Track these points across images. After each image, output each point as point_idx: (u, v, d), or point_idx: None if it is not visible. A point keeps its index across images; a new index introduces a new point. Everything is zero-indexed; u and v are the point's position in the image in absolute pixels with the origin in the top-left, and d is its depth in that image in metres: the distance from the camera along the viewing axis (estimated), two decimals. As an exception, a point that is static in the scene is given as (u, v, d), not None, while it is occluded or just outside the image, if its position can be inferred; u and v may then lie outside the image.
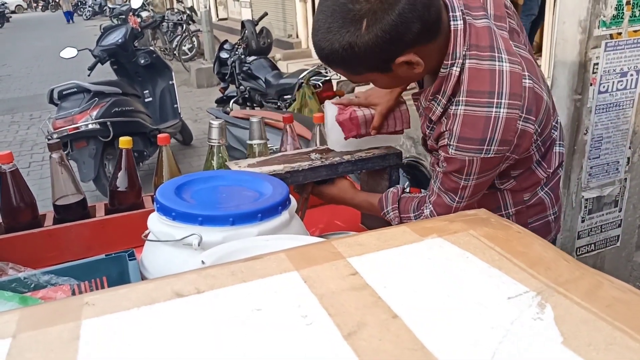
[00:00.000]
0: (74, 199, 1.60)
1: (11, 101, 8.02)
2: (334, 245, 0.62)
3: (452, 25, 0.99)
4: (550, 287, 0.51)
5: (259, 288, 0.54)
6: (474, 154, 1.00)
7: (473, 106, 0.99)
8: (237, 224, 1.01)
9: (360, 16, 0.89)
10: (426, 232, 0.63)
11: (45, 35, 16.77)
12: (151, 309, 0.51)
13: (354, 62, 0.96)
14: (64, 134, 3.94)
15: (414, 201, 1.26)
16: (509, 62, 0.99)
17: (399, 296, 0.52)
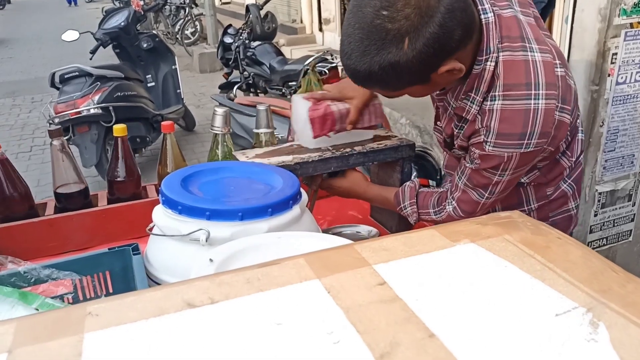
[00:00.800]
0: (76, 187, 1.55)
1: (12, 84, 7.94)
2: (357, 250, 0.57)
3: (484, 19, 0.95)
4: (602, 303, 0.47)
5: (278, 298, 0.49)
6: (514, 149, 0.96)
7: (511, 100, 0.95)
8: (246, 219, 0.96)
9: (401, 34, 0.84)
10: (457, 237, 0.58)
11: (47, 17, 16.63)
12: (160, 321, 0.46)
13: (395, 80, 0.91)
14: (66, 119, 3.88)
15: (433, 196, 1.21)
16: (540, 52, 0.95)
17: (433, 311, 0.47)
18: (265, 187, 1.07)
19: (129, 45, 4.79)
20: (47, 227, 1.46)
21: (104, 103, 3.92)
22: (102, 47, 4.69)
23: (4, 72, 9.14)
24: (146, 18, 5.21)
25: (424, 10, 0.82)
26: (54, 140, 1.50)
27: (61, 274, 1.01)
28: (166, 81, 4.94)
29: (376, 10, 0.83)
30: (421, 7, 0.82)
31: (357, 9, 0.86)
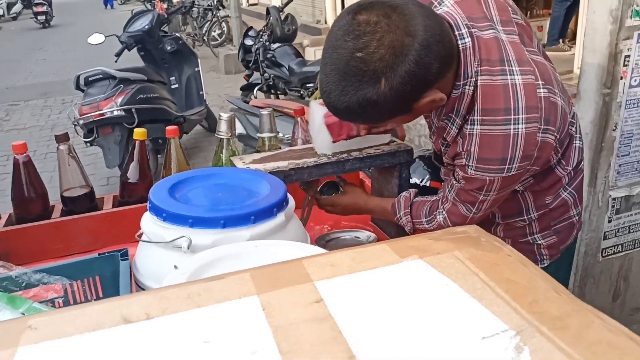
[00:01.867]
0: (81, 191, 1.59)
1: (45, 85, 8.16)
2: (304, 266, 0.57)
3: (461, 44, 0.93)
4: (533, 326, 0.46)
5: (212, 315, 0.50)
6: (495, 174, 0.96)
7: (490, 125, 0.94)
8: (228, 227, 0.97)
9: (377, 75, 0.83)
10: (406, 252, 0.58)
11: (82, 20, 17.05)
12: (94, 336, 0.48)
13: (375, 115, 0.92)
14: (90, 120, 3.97)
15: (426, 205, 1.21)
16: (522, 74, 0.94)
17: (362, 331, 0.47)
18: (251, 194, 1.08)
19: (153, 48, 4.86)
20: (54, 230, 1.50)
21: (127, 105, 4.00)
22: (127, 50, 4.78)
23: (38, 74, 9.41)
24: (170, 21, 5.29)
25: (398, 50, 0.82)
26: (60, 145, 1.54)
27: (52, 278, 1.04)
28: (189, 83, 5.00)
29: (350, 53, 0.83)
30: (395, 47, 0.82)
31: (332, 50, 0.86)
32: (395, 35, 0.81)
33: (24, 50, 12.22)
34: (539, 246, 1.19)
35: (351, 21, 0.84)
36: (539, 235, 1.18)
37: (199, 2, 9.81)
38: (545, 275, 0.52)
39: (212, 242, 0.95)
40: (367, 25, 0.82)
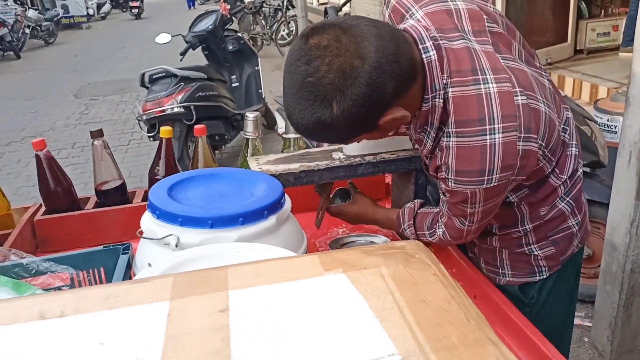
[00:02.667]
0: (114, 184, 1.66)
1: (122, 82, 8.63)
2: (227, 273, 0.57)
3: (425, 58, 0.90)
4: (423, 353, 0.43)
5: (119, 317, 0.51)
6: (475, 185, 0.93)
7: (465, 137, 0.91)
8: (216, 227, 0.99)
9: (328, 99, 0.83)
10: (333, 266, 0.56)
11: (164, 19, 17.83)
12: (7, 329, 0.50)
13: (336, 135, 0.92)
14: (152, 116, 4.16)
15: (428, 218, 1.19)
16: (496, 82, 0.89)
17: (253, 344, 0.46)
18: (245, 196, 1.09)
19: (216, 47, 5.01)
20: (86, 221, 1.58)
21: (186, 102, 4.15)
22: (191, 49, 4.96)
23: (118, 71, 9.97)
24: (232, 21, 5.42)
25: (347, 73, 0.81)
26: (95, 141, 1.61)
27: (59, 267, 1.10)
28: (249, 81, 5.12)
29: (302, 78, 0.83)
30: (344, 70, 0.81)
31: (287, 75, 0.87)
32: (345, 58, 0.80)
33: (108, 48, 12.97)
34: (536, 257, 1.14)
35: (303, 45, 0.84)
36: (535, 246, 1.13)
37: (270, 2, 10.00)
38: (465, 299, 0.50)
39: (200, 241, 0.97)
40: (317, 50, 0.82)
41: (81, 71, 10.25)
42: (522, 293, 1.20)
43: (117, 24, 17.86)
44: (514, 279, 1.19)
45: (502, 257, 1.18)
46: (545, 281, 1.18)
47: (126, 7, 23.94)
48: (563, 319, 1.28)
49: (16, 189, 4.57)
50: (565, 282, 1.22)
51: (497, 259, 1.19)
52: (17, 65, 11.52)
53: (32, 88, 9.01)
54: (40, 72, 10.55)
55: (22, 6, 13.91)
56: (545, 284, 1.18)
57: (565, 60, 5.50)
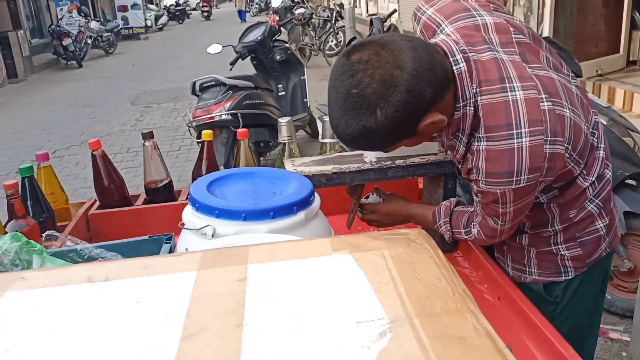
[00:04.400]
0: (161, 183, 1.78)
1: (176, 90, 8.97)
2: (248, 251, 0.65)
3: (455, 70, 0.98)
4: (409, 317, 0.50)
5: (153, 282, 0.60)
6: (504, 186, 0.99)
7: (494, 141, 0.98)
8: (248, 220, 1.07)
9: (372, 107, 0.92)
10: (341, 247, 0.64)
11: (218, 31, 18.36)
12: (60, 290, 0.60)
13: (379, 142, 1.01)
14: (201, 123, 4.33)
15: (464, 216, 1.24)
16: (523, 90, 0.96)
17: (263, 307, 0.54)
18: (277, 192, 1.17)
19: (264, 58, 5.17)
20: (135, 216, 1.70)
21: (234, 110, 4.31)
22: (240, 59, 5.13)
23: (173, 80, 10.35)
24: (281, 32, 5.57)
25: (388, 82, 0.90)
26: (145, 142, 1.74)
27: (108, 254, 1.21)
28: (295, 90, 5.25)
29: (347, 90, 0.93)
30: (385, 80, 0.90)
31: (332, 90, 0.97)
32: (385, 69, 0.90)
33: (164, 58, 13.47)
34: (563, 257, 1.18)
35: (346, 62, 0.94)
36: (563, 246, 1.17)
37: (319, 13, 10.17)
38: (454, 277, 0.56)
39: (234, 232, 1.06)
40: (359, 64, 0.92)
41: (138, 80, 10.70)
42: (546, 292, 1.23)
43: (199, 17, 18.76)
44: (540, 278, 1.23)
45: (530, 256, 1.22)
46: (570, 282, 1.21)
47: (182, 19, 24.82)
48: (587, 322, 1.30)
49: (74, 189, 4.85)
50: (591, 284, 1.24)
51: (525, 257, 1.23)
52: (79, 74, 12.14)
53: (91, 95, 9.49)
54: (100, 80, 11.09)
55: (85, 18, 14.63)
56: (570, 285, 1.21)
57: (617, 71, 5.36)
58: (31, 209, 1.39)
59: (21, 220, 1.26)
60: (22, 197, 1.36)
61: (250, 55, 5.15)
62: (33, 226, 1.27)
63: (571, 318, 1.24)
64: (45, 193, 1.50)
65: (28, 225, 1.25)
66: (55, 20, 14.89)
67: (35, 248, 1.03)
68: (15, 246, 1.01)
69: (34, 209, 1.40)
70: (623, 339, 2.39)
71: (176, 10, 24.76)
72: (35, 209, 1.40)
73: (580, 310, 1.25)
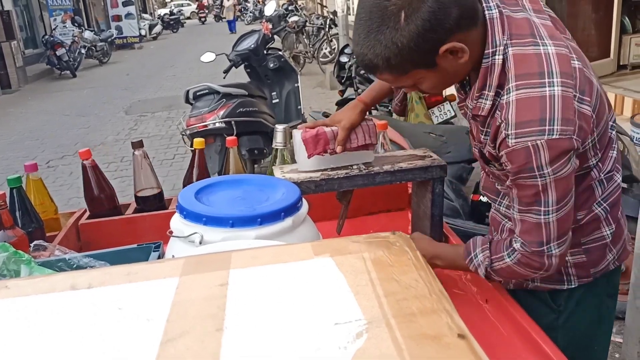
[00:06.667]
0: (152, 192, 1.79)
1: (170, 99, 8.98)
2: (231, 256, 0.65)
3: (487, 14, 0.98)
4: (385, 318, 0.50)
5: (136, 289, 0.60)
6: (536, 136, 0.92)
7: (525, 89, 0.95)
8: (236, 226, 1.07)
9: (398, 9, 0.90)
10: (322, 251, 0.64)
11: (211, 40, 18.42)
12: (44, 298, 0.60)
13: (398, 60, 0.95)
14: (195, 131, 4.34)
15: (505, 241, 1.11)
16: (555, 46, 0.96)
17: (243, 311, 0.54)
18: (264, 199, 1.18)
19: (257, 65, 5.19)
20: (125, 225, 1.71)
21: (228, 118, 4.32)
22: (234, 67, 5.15)
23: (167, 88, 10.36)
24: (274, 40, 5.60)
25: None
26: (135, 151, 1.75)
27: (97, 263, 1.21)
28: (289, 98, 5.27)
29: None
30: None
31: (360, 4, 0.96)
32: None
33: (158, 67, 13.51)
34: (566, 264, 1.15)
35: None
36: None
37: (313, 21, 10.21)
38: (432, 279, 0.56)
39: (221, 239, 1.06)
40: None
41: (132, 89, 10.72)
42: (551, 299, 1.21)
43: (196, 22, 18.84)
44: (543, 285, 1.20)
45: None
46: (573, 291, 1.18)
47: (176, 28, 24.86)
48: (594, 335, 1.26)
49: (68, 199, 4.84)
50: (595, 296, 1.21)
51: None
52: (73, 83, 12.15)
53: (85, 105, 9.49)
54: (94, 89, 11.10)
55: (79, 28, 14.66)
56: (573, 294, 1.19)
57: (608, 75, 5.41)
58: (20, 219, 1.39)
59: (9, 230, 1.26)
60: (10, 208, 1.36)
61: (244, 63, 5.17)
62: (21, 237, 1.27)
63: (574, 329, 1.22)
64: (35, 203, 1.51)
65: (16, 236, 1.26)
66: (49, 30, 14.92)
67: (23, 258, 1.04)
68: (3, 256, 1.02)
69: (23, 220, 1.40)
70: (616, 341, 2.40)
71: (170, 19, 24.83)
72: (24, 220, 1.41)
73: (584, 322, 1.23)
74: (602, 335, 1.30)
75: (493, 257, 1.11)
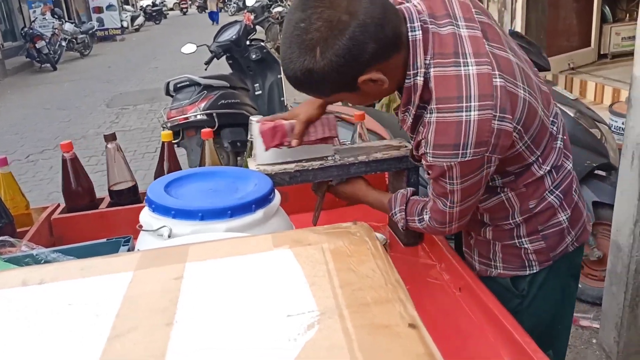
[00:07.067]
0: (126, 185, 1.76)
1: (152, 91, 8.88)
2: (188, 249, 0.64)
3: (411, 36, 1.00)
4: (339, 309, 0.50)
5: (89, 284, 0.59)
6: (450, 159, 1.00)
7: (444, 113, 0.99)
8: (206, 219, 1.06)
9: (313, 44, 0.93)
10: (282, 242, 0.63)
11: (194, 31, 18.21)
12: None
13: (317, 85, 1.00)
14: (176, 124, 4.29)
15: (419, 205, 1.25)
16: (476, 65, 0.97)
17: (196, 304, 0.53)
18: (235, 191, 1.16)
19: (239, 57, 5.14)
20: (99, 219, 1.68)
21: (209, 110, 4.28)
22: (215, 58, 5.10)
23: (149, 81, 10.25)
24: (256, 31, 5.55)
25: (334, 24, 0.91)
26: (108, 144, 1.72)
27: (65, 258, 1.19)
28: (272, 89, 5.23)
29: (296, 23, 0.94)
30: (332, 21, 0.91)
31: (286, 22, 0.98)
32: (335, 11, 0.91)
33: (140, 59, 13.34)
34: (526, 251, 1.18)
35: None
36: (526, 239, 1.17)
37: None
38: (389, 268, 0.56)
39: (191, 232, 1.05)
40: (314, 1, 0.92)
41: (114, 82, 10.59)
42: (513, 285, 1.24)
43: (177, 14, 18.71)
44: (505, 272, 1.24)
45: (495, 250, 1.23)
46: (535, 275, 1.22)
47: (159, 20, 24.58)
48: (557, 316, 1.31)
49: (48, 194, 4.78)
50: (558, 278, 1.24)
51: (490, 251, 1.24)
52: (53, 77, 11.97)
53: (66, 98, 9.36)
54: (74, 82, 10.95)
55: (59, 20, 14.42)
56: (536, 278, 1.22)
57: (589, 65, 5.44)
58: (-12, 215, 1.36)
59: (-24, 226, 1.23)
60: (-22, 203, 1.33)
61: (226, 54, 5.11)
62: (-11, 232, 1.25)
63: (539, 311, 1.25)
64: (5, 199, 1.48)
65: (-17, 232, 1.23)
66: (28, 22, 14.66)
67: (-13, 254, 1.01)
68: (-34, 252, 1.00)
69: (-8, 215, 1.38)
70: (593, 327, 2.43)
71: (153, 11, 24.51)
72: (-7, 215, 1.38)
73: (548, 303, 1.26)
74: (565, 315, 1.34)
75: (408, 217, 1.26)
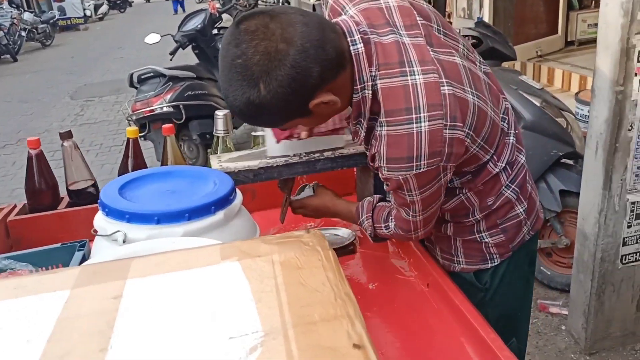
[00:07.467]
0: (85, 184, 1.70)
1: (118, 82, 8.66)
2: (130, 264, 0.61)
3: (353, 51, 0.95)
4: (284, 328, 0.47)
5: (21, 306, 0.55)
6: (405, 172, 0.97)
7: (394, 125, 0.96)
8: (162, 223, 1.02)
9: (255, 79, 0.88)
10: (230, 254, 0.60)
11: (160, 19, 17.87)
12: None
13: (269, 118, 0.96)
14: (141, 116, 4.20)
15: (385, 211, 1.22)
16: (423, 73, 0.94)
17: (134, 326, 0.50)
18: (194, 192, 1.12)
19: (206, 46, 5.04)
20: (58, 220, 1.62)
21: (175, 102, 4.20)
22: (181, 48, 4.99)
23: (114, 71, 10.01)
24: (222, 19, 5.45)
25: (272, 55, 0.86)
26: (64, 142, 1.65)
27: (18, 264, 1.14)
28: (240, 80, 5.15)
29: (232, 60, 0.88)
30: (270, 53, 0.86)
31: (221, 59, 0.92)
32: (271, 42, 0.85)
33: (105, 49, 13.03)
34: (487, 244, 1.18)
35: (234, 30, 0.89)
36: (486, 234, 1.17)
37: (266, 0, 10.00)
38: (340, 281, 0.53)
39: (147, 237, 1.00)
40: (246, 34, 0.87)
41: (78, 73, 10.31)
42: (476, 279, 1.24)
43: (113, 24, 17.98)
44: (468, 266, 1.23)
45: (456, 245, 1.22)
46: (497, 268, 1.22)
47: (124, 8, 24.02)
48: (519, 303, 1.33)
49: (11, 190, 4.64)
50: (518, 268, 1.25)
51: (452, 247, 1.23)
52: (14, 68, 11.60)
53: (28, 90, 9.08)
54: (36, 74, 10.63)
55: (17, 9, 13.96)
56: (498, 271, 1.23)
57: (556, 52, 5.51)
58: None
59: None
60: None
61: (191, 44, 5.01)
62: None
63: (502, 303, 1.26)
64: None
65: None
66: (-15, 12, 14.15)
67: None
68: None
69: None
70: (562, 313, 2.46)
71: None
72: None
73: (511, 294, 1.27)
74: (526, 301, 1.36)
75: (375, 224, 1.23)
